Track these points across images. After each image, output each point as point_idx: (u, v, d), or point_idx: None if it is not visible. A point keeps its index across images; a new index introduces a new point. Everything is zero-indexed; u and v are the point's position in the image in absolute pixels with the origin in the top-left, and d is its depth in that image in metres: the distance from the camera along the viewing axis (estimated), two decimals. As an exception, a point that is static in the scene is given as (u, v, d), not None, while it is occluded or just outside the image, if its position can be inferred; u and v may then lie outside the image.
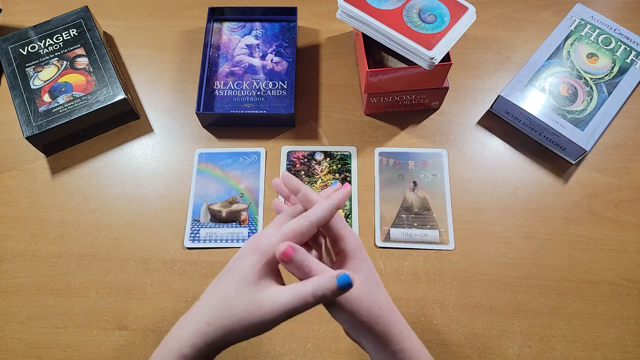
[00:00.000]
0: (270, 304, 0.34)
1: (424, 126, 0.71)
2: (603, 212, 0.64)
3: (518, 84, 0.68)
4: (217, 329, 0.34)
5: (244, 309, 0.34)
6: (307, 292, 0.34)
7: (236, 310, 0.34)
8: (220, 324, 0.34)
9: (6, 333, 0.58)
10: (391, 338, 0.37)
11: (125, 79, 0.76)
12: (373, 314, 0.36)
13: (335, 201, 0.38)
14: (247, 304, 0.34)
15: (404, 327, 0.38)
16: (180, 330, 0.36)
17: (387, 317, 0.37)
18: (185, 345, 0.34)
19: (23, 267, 0.62)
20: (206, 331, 0.34)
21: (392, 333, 0.37)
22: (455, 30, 0.62)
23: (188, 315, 0.36)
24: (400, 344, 0.37)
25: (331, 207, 0.37)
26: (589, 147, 0.64)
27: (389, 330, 0.37)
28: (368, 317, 0.36)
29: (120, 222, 0.65)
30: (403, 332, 0.37)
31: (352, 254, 0.38)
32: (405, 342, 0.37)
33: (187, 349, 0.34)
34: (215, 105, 0.71)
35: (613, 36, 0.72)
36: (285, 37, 0.77)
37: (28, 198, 0.67)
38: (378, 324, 0.36)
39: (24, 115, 0.66)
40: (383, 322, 0.37)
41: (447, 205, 0.65)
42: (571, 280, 0.60)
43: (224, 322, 0.34)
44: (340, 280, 0.33)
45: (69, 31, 0.73)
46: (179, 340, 0.35)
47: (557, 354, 0.56)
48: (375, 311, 0.36)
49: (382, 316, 0.37)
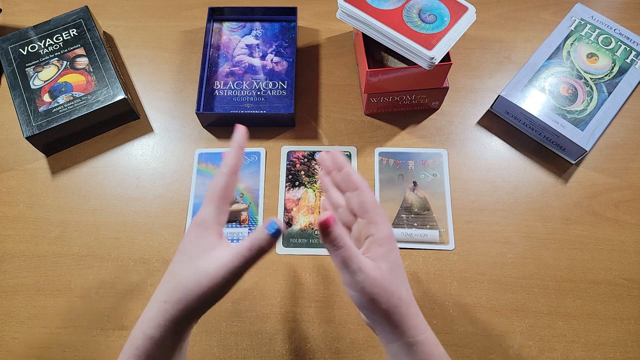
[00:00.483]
0: (214, 268, 0.35)
1: (424, 126, 0.71)
2: (603, 212, 0.64)
3: (518, 84, 0.68)
4: (175, 304, 0.36)
5: (192, 279, 0.36)
6: (244, 247, 0.35)
7: (186, 282, 0.36)
8: (175, 299, 0.36)
9: (6, 333, 0.58)
10: (407, 330, 0.37)
11: (125, 79, 0.76)
12: (393, 303, 0.37)
13: (237, 142, 0.40)
14: (194, 274, 0.36)
15: (421, 320, 0.39)
16: (143, 316, 0.37)
17: (406, 308, 0.38)
18: (149, 327, 0.36)
19: (23, 267, 0.62)
20: (165, 308, 0.36)
21: (409, 325, 0.37)
22: (455, 30, 0.62)
23: (149, 303, 0.38)
24: (415, 337, 0.37)
25: (237, 150, 0.40)
26: (589, 147, 0.64)
27: (406, 321, 0.37)
28: (387, 305, 0.37)
29: (120, 222, 0.65)
30: (420, 326, 0.38)
31: (382, 241, 0.39)
32: (421, 336, 0.38)
33: (151, 330, 0.36)
34: (215, 105, 0.71)
35: (613, 36, 0.72)
36: (285, 37, 0.77)
37: (28, 198, 0.67)
38: (396, 314, 0.37)
39: (24, 115, 0.66)
40: (401, 312, 0.37)
41: (447, 205, 0.65)
42: (571, 280, 0.60)
43: (178, 296, 0.36)
44: (269, 227, 0.35)
45: (69, 31, 0.73)
46: (142, 325, 0.36)
47: (557, 354, 0.56)
48: (395, 301, 0.37)
49: (400, 306, 0.37)
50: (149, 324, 0.36)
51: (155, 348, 0.36)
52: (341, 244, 0.36)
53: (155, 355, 0.36)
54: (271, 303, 0.59)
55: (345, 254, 0.36)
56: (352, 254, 0.37)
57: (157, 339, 0.36)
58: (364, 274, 0.36)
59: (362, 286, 0.36)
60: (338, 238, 0.36)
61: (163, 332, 0.36)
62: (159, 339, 0.36)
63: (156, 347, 0.36)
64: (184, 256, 0.37)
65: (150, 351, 0.36)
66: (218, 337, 0.58)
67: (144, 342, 0.36)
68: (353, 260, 0.36)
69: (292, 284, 0.61)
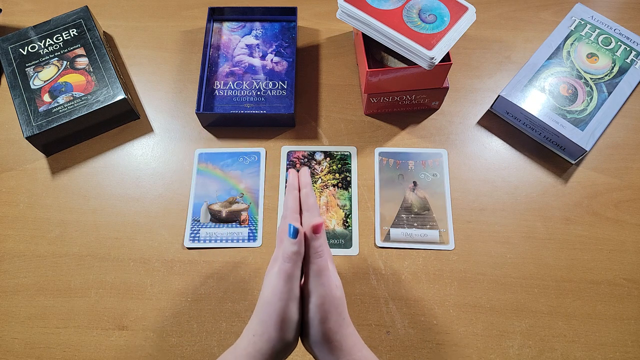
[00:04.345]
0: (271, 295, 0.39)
1: (424, 126, 0.71)
2: (603, 212, 0.64)
3: (518, 84, 0.68)
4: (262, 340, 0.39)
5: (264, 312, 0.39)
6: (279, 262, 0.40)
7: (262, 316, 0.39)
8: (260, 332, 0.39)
9: (6, 333, 0.58)
10: (344, 349, 0.40)
11: (125, 79, 0.76)
12: (338, 323, 0.40)
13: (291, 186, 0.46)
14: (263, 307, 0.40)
15: (358, 340, 0.41)
16: (239, 341, 0.41)
17: (346, 328, 0.40)
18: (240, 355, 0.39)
19: (23, 267, 0.62)
20: (255, 341, 0.39)
21: (347, 345, 0.40)
22: (455, 30, 0.62)
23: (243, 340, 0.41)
24: (352, 354, 0.40)
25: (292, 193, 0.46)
26: (589, 147, 0.64)
27: (345, 341, 0.40)
28: (333, 324, 0.39)
29: (120, 222, 0.65)
30: (356, 345, 0.41)
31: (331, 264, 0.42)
32: (357, 354, 0.40)
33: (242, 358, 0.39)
34: (215, 105, 0.71)
35: (613, 36, 0.72)
36: (285, 37, 0.77)
37: (28, 198, 0.67)
38: (337, 333, 0.39)
39: (24, 115, 0.66)
40: (342, 332, 0.40)
41: (447, 205, 0.65)
42: (571, 280, 0.60)
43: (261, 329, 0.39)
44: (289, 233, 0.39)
45: (69, 31, 0.73)
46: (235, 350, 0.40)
47: (557, 354, 0.56)
48: (340, 321, 0.40)
49: (343, 326, 0.40)
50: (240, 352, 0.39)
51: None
52: (322, 252, 0.40)
53: None
54: (271, 303, 0.59)
55: (323, 263, 0.40)
56: (327, 265, 0.40)
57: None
58: (329, 289, 0.39)
59: (322, 300, 0.39)
60: (322, 246, 0.40)
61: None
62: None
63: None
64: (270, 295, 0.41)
65: None
66: (218, 337, 0.58)
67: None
68: (326, 272, 0.40)
69: (292, 284, 0.61)
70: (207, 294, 0.60)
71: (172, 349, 0.57)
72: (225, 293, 0.60)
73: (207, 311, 0.59)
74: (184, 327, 0.58)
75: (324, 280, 0.40)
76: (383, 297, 0.59)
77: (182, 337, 0.58)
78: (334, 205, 0.65)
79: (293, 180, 0.47)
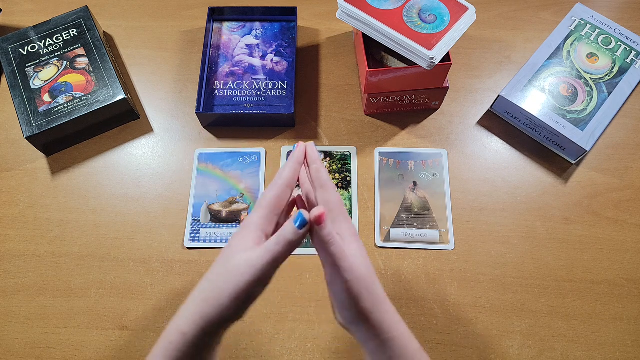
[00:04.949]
0: (244, 267, 0.36)
1: (424, 126, 0.71)
2: (603, 212, 0.64)
3: (518, 84, 0.68)
4: (212, 304, 0.36)
5: (224, 278, 0.36)
6: (271, 242, 0.36)
7: (218, 281, 0.36)
8: (209, 297, 0.36)
9: (6, 333, 0.58)
10: (385, 327, 0.38)
11: (125, 79, 0.76)
12: (372, 301, 0.37)
13: (295, 158, 0.41)
14: (226, 273, 0.36)
15: (396, 316, 0.39)
16: (179, 313, 0.37)
17: (383, 305, 0.38)
18: (183, 323, 0.36)
19: (23, 267, 0.62)
20: (202, 307, 0.36)
21: (386, 322, 0.38)
22: (455, 30, 0.62)
23: (186, 301, 0.38)
24: (391, 332, 0.38)
25: (294, 165, 0.41)
26: (589, 147, 0.64)
27: (384, 319, 0.38)
28: (368, 303, 0.37)
29: (120, 222, 0.65)
30: (395, 322, 0.38)
31: (352, 238, 0.40)
32: (397, 332, 0.38)
33: (185, 326, 0.36)
34: (215, 105, 0.71)
35: (613, 36, 0.72)
36: (285, 37, 0.77)
37: (28, 198, 0.67)
38: (374, 312, 0.37)
39: (24, 115, 0.66)
40: (379, 310, 0.38)
41: (447, 205, 0.65)
42: (571, 280, 0.60)
43: (212, 294, 0.36)
44: (295, 220, 0.36)
45: (69, 31, 0.73)
46: (177, 321, 0.37)
47: (557, 354, 0.56)
48: (374, 298, 0.38)
49: (379, 304, 0.38)
50: (184, 321, 0.36)
51: (187, 345, 0.36)
52: (332, 240, 0.36)
53: (186, 352, 0.36)
54: (271, 303, 0.59)
55: (336, 250, 0.37)
56: (342, 250, 0.37)
57: (190, 337, 0.36)
58: (352, 273, 0.37)
59: (349, 284, 0.37)
60: (330, 234, 0.36)
61: (196, 331, 0.36)
62: (191, 336, 0.36)
63: (188, 345, 0.36)
64: (222, 258, 0.38)
65: (182, 347, 0.36)
66: (218, 337, 0.58)
67: (177, 337, 0.36)
68: (343, 257, 0.37)
69: (292, 284, 0.61)
70: (207, 294, 0.60)
71: (172, 349, 0.57)
72: (225, 293, 0.60)
73: (207, 311, 0.59)
74: (184, 327, 0.58)
75: (344, 266, 0.37)
76: (383, 297, 0.59)
77: (182, 337, 0.58)
78: (334, 205, 0.65)
79: (299, 155, 0.42)
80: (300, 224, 0.36)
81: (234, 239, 0.38)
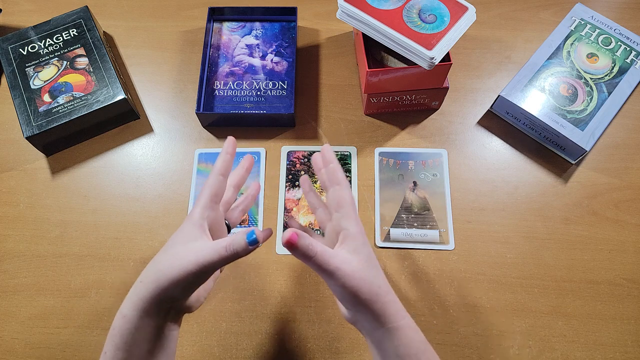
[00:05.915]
0: (190, 256, 0.37)
1: (424, 126, 0.71)
2: (603, 212, 0.64)
3: (518, 84, 0.68)
4: (148, 285, 0.37)
5: (167, 264, 0.38)
6: (221, 245, 0.37)
7: (160, 266, 0.38)
8: (149, 280, 0.37)
9: (6, 333, 0.58)
10: (388, 316, 0.38)
11: (125, 79, 0.76)
12: (373, 292, 0.38)
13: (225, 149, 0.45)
14: (170, 259, 0.38)
15: (400, 307, 0.40)
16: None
17: (385, 296, 0.39)
18: (124, 306, 0.38)
19: (23, 267, 0.62)
20: (140, 288, 0.38)
21: (390, 312, 0.39)
22: (455, 30, 0.62)
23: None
24: (397, 322, 0.39)
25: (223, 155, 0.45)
26: (589, 147, 0.64)
27: (387, 308, 0.39)
28: (369, 295, 0.38)
29: (120, 222, 0.65)
30: (400, 312, 0.39)
31: (355, 235, 0.41)
32: (402, 321, 0.39)
33: (126, 309, 0.38)
34: (215, 105, 0.71)
35: (613, 36, 0.72)
36: (285, 37, 0.77)
37: (28, 198, 0.67)
38: (377, 302, 0.38)
39: (24, 115, 0.66)
40: (381, 300, 0.39)
41: (447, 205, 0.65)
42: (571, 280, 0.60)
43: (152, 277, 0.37)
44: (248, 236, 0.36)
45: (69, 31, 0.73)
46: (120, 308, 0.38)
47: (557, 354, 0.56)
48: (375, 289, 0.38)
49: (380, 294, 0.39)
50: (125, 304, 0.38)
51: (130, 328, 0.37)
52: (312, 252, 0.37)
53: (128, 335, 0.37)
54: (271, 303, 0.59)
55: (319, 260, 0.37)
56: (326, 257, 0.37)
57: (130, 318, 0.37)
58: (342, 270, 0.37)
59: (342, 282, 0.37)
60: (307, 248, 0.37)
61: (136, 312, 0.37)
62: (131, 318, 0.37)
63: (130, 327, 0.37)
64: (166, 245, 0.40)
65: (124, 331, 0.37)
66: (218, 337, 0.58)
67: (118, 321, 0.38)
68: (328, 262, 0.37)
69: (292, 284, 0.61)
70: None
71: (172, 349, 0.57)
72: (225, 293, 0.60)
73: (207, 311, 0.59)
74: (184, 327, 0.58)
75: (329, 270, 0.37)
76: (383, 297, 0.59)
77: (182, 337, 0.58)
78: (334, 205, 0.65)
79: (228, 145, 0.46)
80: (251, 242, 0.36)
81: (181, 229, 0.41)
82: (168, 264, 0.37)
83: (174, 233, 0.41)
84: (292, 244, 0.36)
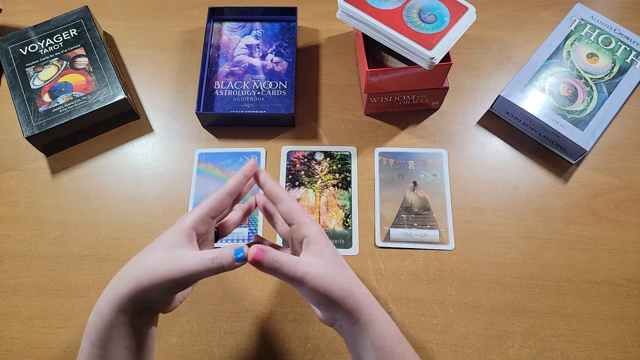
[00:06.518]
0: (174, 263, 0.37)
1: (424, 126, 0.71)
2: (603, 212, 0.64)
3: (518, 84, 0.68)
4: (127, 282, 0.37)
5: (150, 264, 0.38)
6: (208, 257, 0.37)
7: (143, 265, 0.38)
8: (129, 277, 0.38)
9: (6, 333, 0.58)
10: (362, 310, 0.39)
11: (125, 79, 0.76)
12: (345, 289, 0.39)
13: (243, 171, 0.44)
14: (154, 260, 0.38)
15: (373, 300, 0.41)
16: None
17: (356, 290, 0.40)
18: (100, 303, 0.38)
19: (23, 267, 0.62)
20: (117, 284, 0.38)
21: (364, 305, 0.39)
22: (455, 30, 0.62)
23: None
24: (371, 315, 0.39)
25: (239, 177, 0.44)
26: (589, 147, 0.64)
27: (360, 301, 0.39)
28: (340, 292, 0.39)
29: (120, 222, 0.65)
30: (373, 305, 0.40)
31: (316, 239, 0.41)
32: (375, 314, 0.40)
33: (102, 305, 0.38)
34: (215, 105, 0.71)
35: (613, 36, 0.72)
36: (285, 37, 0.77)
37: (28, 198, 0.67)
38: (349, 297, 0.39)
39: (24, 115, 0.66)
40: (354, 293, 0.39)
41: (447, 205, 0.65)
42: (571, 280, 0.60)
43: (132, 274, 0.38)
44: (235, 253, 0.37)
45: (69, 31, 0.73)
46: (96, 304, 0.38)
47: (557, 354, 0.56)
48: (345, 286, 0.39)
49: (352, 289, 0.39)
50: (101, 300, 0.38)
51: (105, 324, 0.37)
52: (277, 265, 0.37)
53: (104, 331, 0.37)
54: (271, 303, 0.59)
55: (285, 270, 0.37)
56: (292, 266, 0.38)
57: (105, 314, 0.37)
58: (310, 275, 0.38)
59: (312, 285, 0.38)
60: (272, 262, 0.37)
61: (111, 308, 0.37)
62: (106, 314, 0.37)
63: (105, 323, 0.37)
64: (151, 246, 0.40)
65: (100, 327, 0.37)
66: (218, 337, 0.58)
67: (94, 317, 0.38)
68: (295, 270, 0.38)
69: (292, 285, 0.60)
70: (207, 294, 0.60)
71: (172, 349, 0.57)
72: (225, 293, 0.60)
73: (207, 311, 0.59)
74: (184, 327, 0.58)
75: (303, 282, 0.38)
76: (383, 297, 0.59)
77: (182, 337, 0.58)
78: (334, 205, 0.65)
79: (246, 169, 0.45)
80: (238, 259, 0.37)
81: (168, 232, 0.41)
82: (151, 267, 0.37)
83: (162, 234, 0.41)
84: (258, 260, 0.36)
